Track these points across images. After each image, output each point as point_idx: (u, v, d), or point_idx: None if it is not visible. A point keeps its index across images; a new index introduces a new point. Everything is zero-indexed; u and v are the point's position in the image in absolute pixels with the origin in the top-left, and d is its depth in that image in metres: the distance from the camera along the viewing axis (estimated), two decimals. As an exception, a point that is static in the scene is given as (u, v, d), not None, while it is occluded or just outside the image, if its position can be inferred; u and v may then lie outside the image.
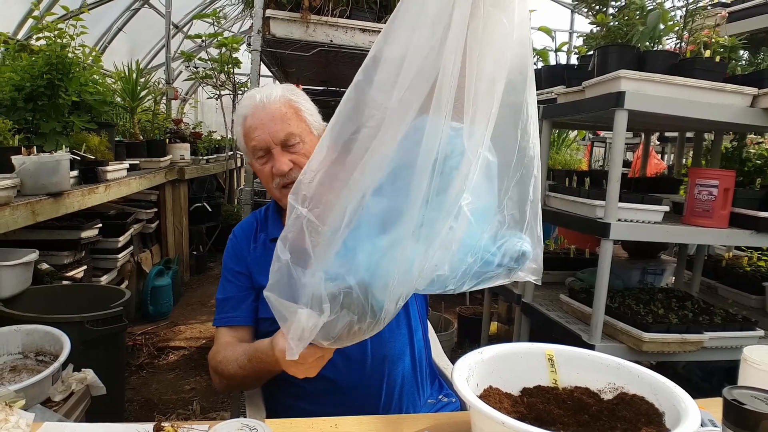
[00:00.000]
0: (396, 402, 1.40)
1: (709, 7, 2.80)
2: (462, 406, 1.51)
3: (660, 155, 6.90)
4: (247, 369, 1.27)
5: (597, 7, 2.60)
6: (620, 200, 2.13)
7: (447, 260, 0.90)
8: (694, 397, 0.92)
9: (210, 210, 6.13)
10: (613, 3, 2.53)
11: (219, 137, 7.41)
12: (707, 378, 2.79)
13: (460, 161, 0.87)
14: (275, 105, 1.40)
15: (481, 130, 0.88)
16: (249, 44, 2.67)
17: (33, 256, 2.41)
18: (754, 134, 3.69)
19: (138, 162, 4.07)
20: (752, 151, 3.28)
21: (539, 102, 2.95)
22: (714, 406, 1.07)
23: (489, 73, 0.88)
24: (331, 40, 2.50)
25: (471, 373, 1.00)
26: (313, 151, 1.24)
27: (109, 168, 3.08)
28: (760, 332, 2.28)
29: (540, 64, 4.09)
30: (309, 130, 1.43)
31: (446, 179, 0.87)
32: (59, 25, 3.12)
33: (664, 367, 2.68)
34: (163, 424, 0.95)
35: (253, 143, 1.39)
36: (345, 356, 1.33)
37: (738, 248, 3.60)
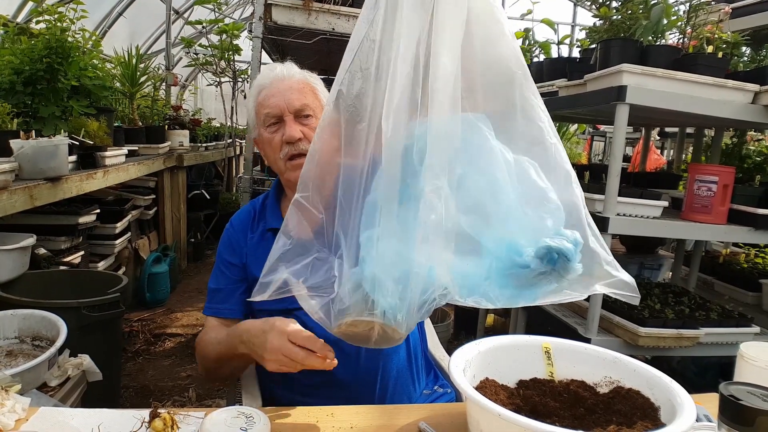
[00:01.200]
0: (391, 394, 1.40)
1: (712, 3, 2.79)
2: (457, 396, 1.51)
3: (660, 150, 6.90)
4: (223, 344, 1.29)
5: (600, 0, 2.59)
6: (619, 195, 2.13)
7: (454, 264, 0.89)
8: (688, 392, 0.93)
9: (208, 197, 6.12)
10: (616, -4, 2.52)
11: (218, 124, 7.39)
12: (702, 373, 2.80)
13: (422, 157, 0.88)
14: (294, 78, 1.43)
15: (442, 120, 0.89)
16: (250, 31, 2.65)
17: (30, 240, 2.40)
18: (755, 131, 3.69)
19: (137, 148, 4.05)
20: (752, 148, 3.27)
21: (542, 95, 2.94)
22: (709, 401, 1.08)
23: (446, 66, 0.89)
24: (333, 28, 2.49)
25: (468, 364, 1.00)
26: None
27: (107, 153, 3.07)
28: (756, 329, 2.29)
29: (542, 57, 4.07)
30: (320, 109, 1.44)
31: (415, 173, 0.89)
32: (59, 9, 3.09)
33: (659, 362, 2.69)
34: (159, 411, 0.95)
35: (267, 110, 1.41)
36: (339, 349, 1.33)
37: (736, 245, 3.61)
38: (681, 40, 2.39)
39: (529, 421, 0.78)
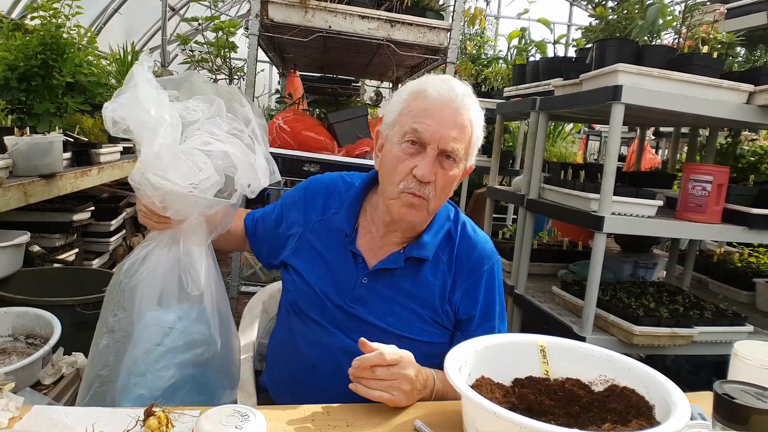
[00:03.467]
0: None
1: (707, 3, 2.80)
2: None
3: (655, 150, 6.92)
4: None
5: (596, 0, 2.59)
6: (615, 194, 2.13)
7: None
8: (683, 390, 0.93)
9: (204, 195, 6.08)
10: (612, -4, 2.53)
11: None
12: (696, 372, 2.82)
13: None
14: (465, 113, 1.24)
15: None
16: (246, 28, 2.64)
17: (24, 238, 2.39)
18: (749, 131, 3.70)
19: (132, 145, 4.03)
20: (746, 147, 3.29)
21: (538, 94, 2.95)
22: (703, 399, 1.08)
23: None
24: (330, 26, 2.48)
25: (463, 363, 1.01)
26: (456, 179, 1.29)
27: (102, 150, 3.05)
28: (750, 327, 2.30)
29: (538, 56, 4.08)
30: (466, 159, 1.29)
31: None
32: (54, 5, 3.07)
33: (653, 360, 2.70)
34: (154, 409, 0.95)
35: (416, 126, 1.21)
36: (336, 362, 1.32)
37: (730, 244, 3.62)
38: (676, 40, 2.40)
39: (525, 419, 0.79)
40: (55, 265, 2.86)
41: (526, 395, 1.02)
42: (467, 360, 1.02)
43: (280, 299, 1.50)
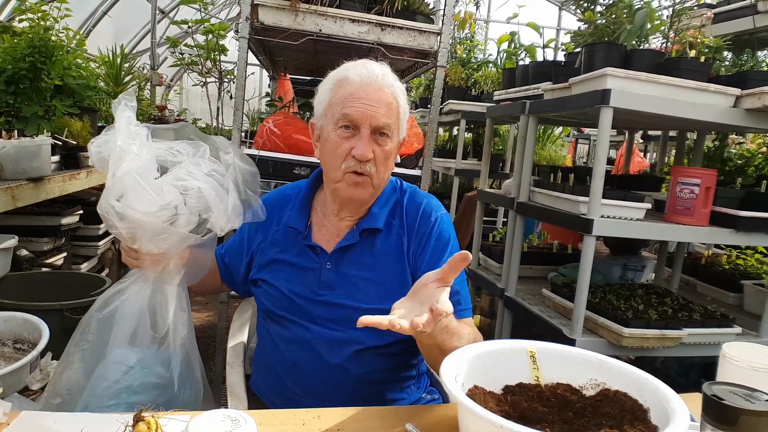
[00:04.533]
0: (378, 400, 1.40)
1: (695, 8, 2.83)
2: (444, 400, 1.51)
3: (643, 153, 6.97)
4: None
5: (585, 4, 2.61)
6: (603, 197, 2.14)
7: None
8: (672, 392, 0.94)
9: (194, 199, 6.06)
10: (601, 1, 2.55)
11: (204, 125, 7.33)
12: (685, 373, 2.84)
13: None
14: (388, 90, 1.32)
15: None
16: (236, 31, 2.64)
17: (12, 242, 2.37)
18: (736, 134, 3.75)
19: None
20: (733, 151, 3.32)
21: (527, 98, 2.96)
22: (692, 401, 1.09)
23: None
24: (320, 30, 2.48)
25: (457, 372, 1.00)
26: (394, 152, 1.35)
27: (91, 154, 3.03)
28: (738, 329, 2.32)
29: (527, 60, 4.10)
30: (398, 132, 1.37)
31: None
32: (43, 7, 3.05)
33: (642, 362, 2.72)
34: (143, 414, 0.94)
35: (346, 111, 1.29)
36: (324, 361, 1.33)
37: (718, 246, 3.65)
38: (664, 45, 2.42)
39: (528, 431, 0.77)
40: (43, 269, 2.83)
41: (518, 403, 1.01)
42: (460, 370, 1.01)
43: (257, 312, 1.54)
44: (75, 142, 2.95)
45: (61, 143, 2.82)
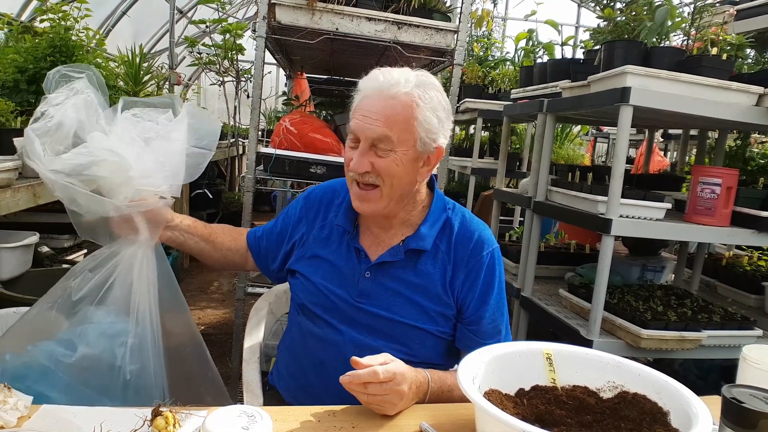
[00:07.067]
0: None
1: (717, 5, 2.78)
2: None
3: (663, 152, 6.89)
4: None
5: (605, 1, 2.58)
6: (622, 196, 2.12)
7: None
8: (691, 394, 0.92)
9: (211, 197, 6.13)
10: (621, -2, 2.52)
11: (221, 123, 7.38)
12: (704, 376, 2.80)
13: None
14: (399, 99, 1.25)
15: None
16: (254, 30, 2.65)
17: (33, 238, 2.41)
18: (759, 133, 3.68)
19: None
20: (756, 150, 3.26)
21: (545, 96, 2.94)
22: (711, 404, 1.07)
23: None
24: (337, 28, 2.48)
25: (475, 375, 0.99)
26: (405, 163, 1.28)
27: (110, 152, 3.07)
28: (759, 332, 2.28)
29: (546, 58, 4.07)
30: (411, 142, 1.28)
31: None
32: (63, 8, 3.09)
33: (661, 364, 2.69)
34: (161, 409, 0.95)
35: (352, 123, 1.30)
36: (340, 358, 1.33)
37: (738, 247, 3.60)
38: (685, 42, 2.38)
39: None
40: (64, 265, 2.88)
41: (536, 406, 1.00)
42: (477, 372, 1.00)
43: (291, 302, 1.53)
44: (95, 141, 2.98)
45: (81, 141, 2.85)
